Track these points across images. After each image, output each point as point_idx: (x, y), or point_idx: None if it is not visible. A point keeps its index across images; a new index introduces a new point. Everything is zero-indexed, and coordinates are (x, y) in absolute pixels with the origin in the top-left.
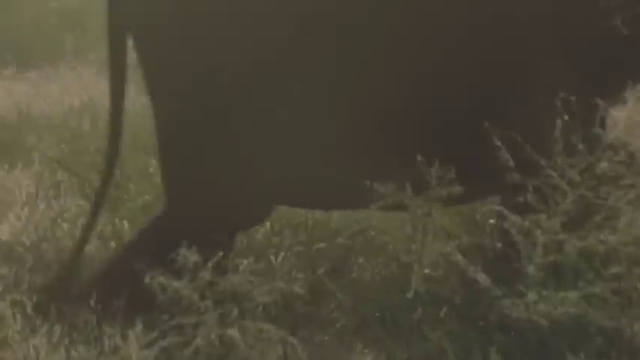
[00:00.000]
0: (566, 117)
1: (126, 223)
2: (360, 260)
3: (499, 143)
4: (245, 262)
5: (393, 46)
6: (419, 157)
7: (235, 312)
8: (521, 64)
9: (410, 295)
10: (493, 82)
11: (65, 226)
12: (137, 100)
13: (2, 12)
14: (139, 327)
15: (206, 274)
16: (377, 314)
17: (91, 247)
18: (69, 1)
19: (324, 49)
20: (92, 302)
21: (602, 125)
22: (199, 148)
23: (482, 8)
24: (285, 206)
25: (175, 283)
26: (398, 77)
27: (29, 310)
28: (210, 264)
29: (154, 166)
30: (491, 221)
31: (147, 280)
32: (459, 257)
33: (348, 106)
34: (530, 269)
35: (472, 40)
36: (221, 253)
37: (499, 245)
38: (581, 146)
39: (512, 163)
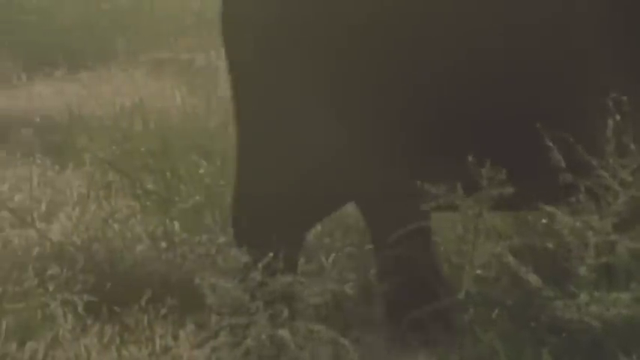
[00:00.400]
0: (617, 117)
1: (177, 224)
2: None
3: (550, 144)
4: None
5: (447, 47)
6: (470, 158)
7: (286, 312)
8: (572, 64)
9: (461, 296)
10: (544, 82)
11: (116, 226)
12: (188, 101)
13: (54, 13)
14: (190, 327)
15: (257, 275)
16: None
17: (142, 248)
18: (120, 3)
19: (390, 49)
20: (143, 302)
21: None
22: (282, 147)
23: (531, 8)
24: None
25: (226, 284)
26: (451, 78)
27: (80, 309)
28: (260, 264)
29: (204, 166)
30: (543, 221)
31: (198, 280)
32: (511, 258)
33: (404, 105)
34: (582, 270)
35: (523, 41)
36: (271, 254)
37: (550, 246)
38: (633, 146)
39: (563, 164)
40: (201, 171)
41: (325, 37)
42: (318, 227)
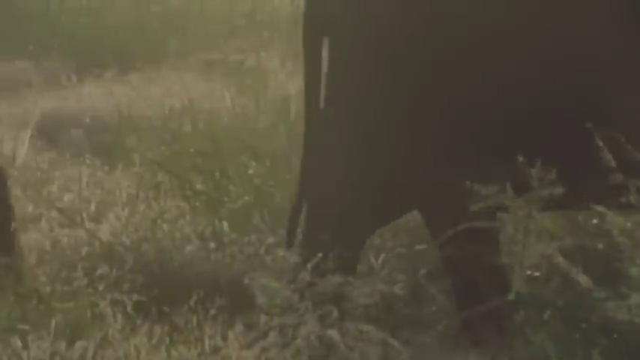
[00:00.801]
0: None
1: (225, 224)
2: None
3: (601, 143)
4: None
5: (502, 49)
6: (520, 159)
7: (335, 313)
8: (621, 63)
9: (511, 296)
10: (595, 82)
11: (165, 226)
12: (237, 101)
13: (104, 15)
14: (239, 327)
15: (306, 275)
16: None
17: (191, 248)
18: (170, 4)
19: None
20: (193, 302)
21: None
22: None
23: (584, 12)
24: None
25: (275, 284)
26: (504, 79)
27: (130, 309)
28: (309, 265)
29: (253, 167)
30: (594, 222)
31: (247, 280)
32: (561, 259)
33: (462, 105)
34: (634, 271)
35: (572, 42)
36: (320, 254)
37: (601, 246)
38: None
39: (614, 164)
40: (251, 171)
41: (397, 38)
42: None
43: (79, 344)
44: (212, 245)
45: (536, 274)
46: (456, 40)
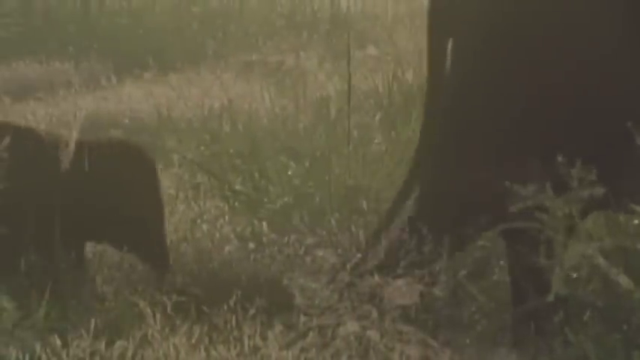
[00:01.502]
0: None
1: (265, 225)
2: (502, 262)
3: None
4: None
5: (551, 56)
6: (560, 158)
7: (374, 313)
8: None
9: (551, 298)
10: (634, 81)
11: (204, 227)
12: (276, 102)
13: (144, 16)
14: (279, 327)
15: (345, 276)
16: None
17: (230, 248)
18: (210, 6)
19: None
20: (232, 302)
21: None
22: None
23: (622, 17)
24: None
25: (314, 284)
26: (548, 81)
27: (169, 309)
28: (349, 265)
29: (293, 168)
30: (635, 222)
31: (286, 280)
32: (601, 260)
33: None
34: None
35: (615, 43)
36: (359, 255)
37: None
38: None
39: None
40: (290, 172)
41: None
42: None
43: (119, 344)
44: (251, 245)
45: (576, 275)
46: (534, 43)
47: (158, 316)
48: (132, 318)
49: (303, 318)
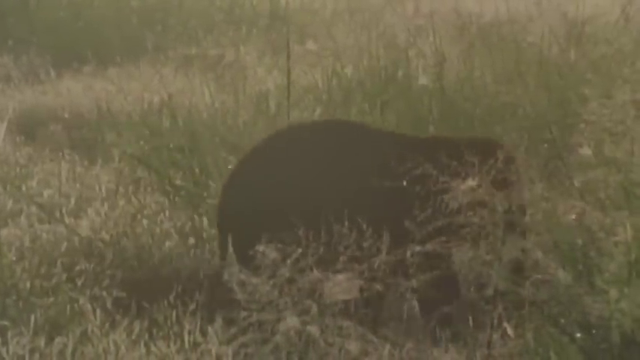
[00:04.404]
0: None
1: (205, 220)
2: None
3: None
4: None
5: None
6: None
7: (315, 309)
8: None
9: (490, 292)
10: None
11: (145, 222)
12: (217, 97)
13: (84, 9)
14: (219, 323)
15: (285, 271)
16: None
17: (170, 244)
18: (150, 0)
19: None
20: (172, 298)
21: None
22: None
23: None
24: None
25: (255, 280)
26: None
27: (109, 305)
28: (289, 261)
29: (232, 162)
30: (573, 217)
31: (226, 276)
32: (540, 254)
33: None
34: (612, 267)
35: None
36: (300, 250)
37: (580, 242)
38: None
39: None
40: (230, 167)
41: None
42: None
43: (59, 340)
44: (192, 241)
45: (515, 269)
46: None
47: (98, 311)
48: (72, 314)
49: (243, 313)
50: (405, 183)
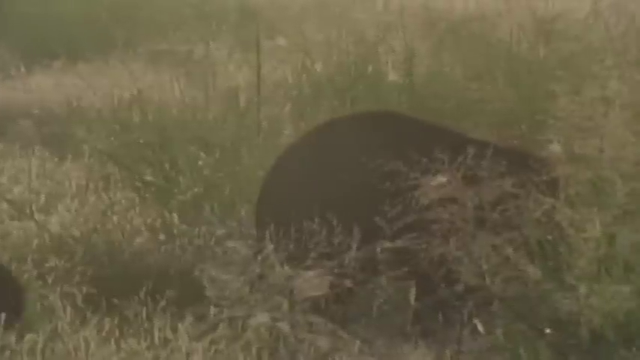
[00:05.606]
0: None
1: (175, 216)
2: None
3: None
4: None
5: None
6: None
7: (285, 305)
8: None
9: (460, 288)
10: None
11: (115, 218)
12: (186, 92)
13: (54, 5)
14: (189, 319)
15: (256, 267)
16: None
17: (141, 240)
18: None
19: None
20: (142, 294)
21: None
22: None
23: None
24: None
25: (225, 276)
26: None
27: (79, 302)
28: (260, 257)
29: (203, 158)
30: (543, 213)
31: (197, 272)
32: (510, 250)
33: None
34: (582, 263)
35: None
36: (272, 246)
37: (550, 238)
38: (632, 138)
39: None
40: (200, 162)
41: None
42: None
43: (29, 337)
44: (162, 237)
45: (485, 265)
46: None
47: (68, 308)
48: (42, 311)
49: (213, 310)
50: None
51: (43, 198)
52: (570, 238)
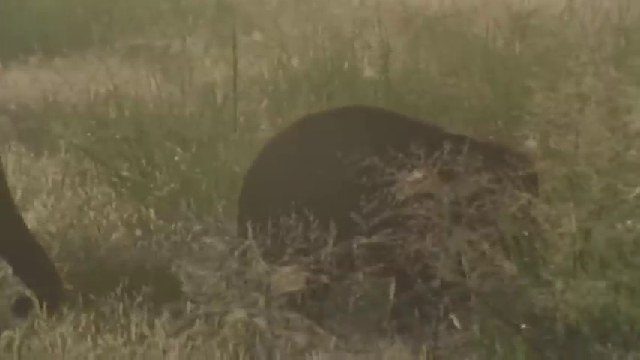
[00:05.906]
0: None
1: (152, 212)
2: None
3: None
4: None
5: None
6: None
7: (262, 301)
8: None
9: (436, 283)
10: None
11: (91, 214)
12: (163, 87)
13: (29, 0)
14: (166, 315)
15: (233, 263)
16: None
17: (117, 235)
18: None
19: None
20: (119, 290)
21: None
22: None
23: None
24: None
25: (202, 272)
26: None
27: None
28: (236, 252)
29: (180, 154)
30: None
31: (173, 268)
32: (486, 246)
33: None
34: (558, 258)
35: None
36: (248, 242)
37: (526, 233)
38: (608, 134)
39: None
40: (177, 158)
41: None
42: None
43: (5, 334)
44: (138, 232)
45: (462, 260)
46: None
47: (45, 304)
48: None
49: (190, 305)
50: None
51: (19, 194)
52: (546, 234)
